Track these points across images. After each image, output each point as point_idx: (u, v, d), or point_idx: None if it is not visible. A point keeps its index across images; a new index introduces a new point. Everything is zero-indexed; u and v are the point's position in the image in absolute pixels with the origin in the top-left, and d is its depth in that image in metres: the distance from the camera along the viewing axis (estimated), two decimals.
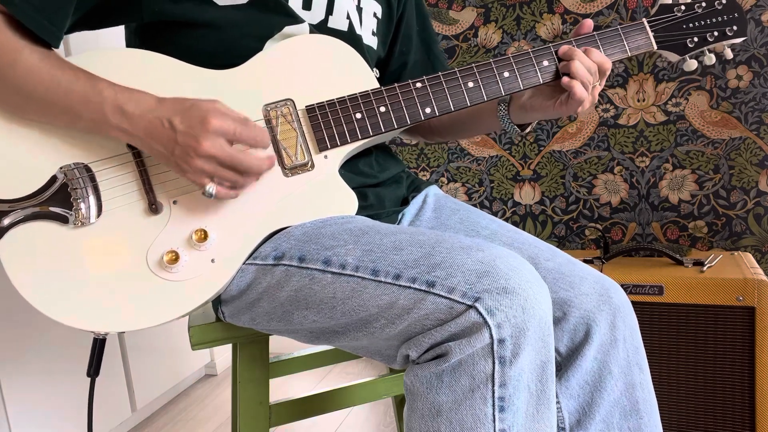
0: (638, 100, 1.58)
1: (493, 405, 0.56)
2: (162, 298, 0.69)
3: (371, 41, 0.86)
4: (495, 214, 1.78)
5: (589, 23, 0.80)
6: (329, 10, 0.79)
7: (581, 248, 1.70)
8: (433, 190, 0.93)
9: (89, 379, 0.74)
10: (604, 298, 0.74)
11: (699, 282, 1.22)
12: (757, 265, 1.30)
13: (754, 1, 1.45)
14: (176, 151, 0.64)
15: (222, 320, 0.80)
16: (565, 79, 0.75)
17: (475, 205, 1.79)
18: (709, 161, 1.54)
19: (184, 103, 0.65)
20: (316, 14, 0.79)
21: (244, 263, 0.72)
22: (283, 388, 1.79)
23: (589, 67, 0.75)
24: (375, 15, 0.87)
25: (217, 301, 0.77)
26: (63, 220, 0.68)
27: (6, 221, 0.67)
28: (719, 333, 1.22)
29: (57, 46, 0.69)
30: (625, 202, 1.63)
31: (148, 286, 0.69)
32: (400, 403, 1.17)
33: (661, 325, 1.27)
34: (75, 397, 1.33)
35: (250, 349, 0.85)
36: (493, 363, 0.55)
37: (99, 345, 0.74)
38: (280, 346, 2.00)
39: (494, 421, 0.56)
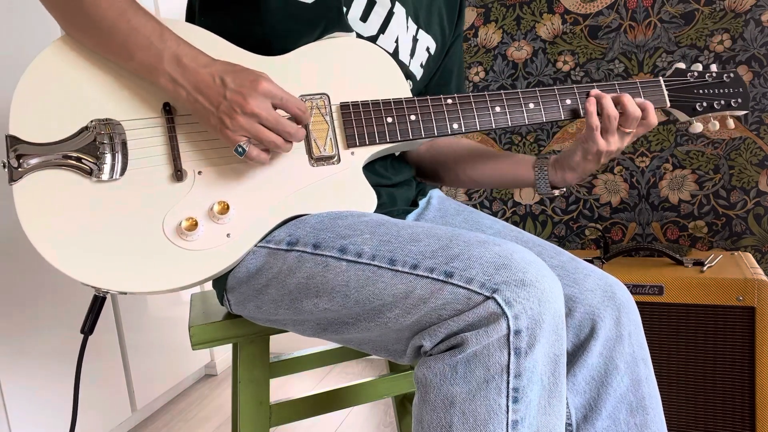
0: None
1: (507, 396, 0.56)
2: (171, 265, 0.69)
3: (418, 72, 0.89)
4: (495, 214, 1.78)
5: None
6: (382, 29, 0.82)
7: (581, 248, 1.70)
8: (436, 193, 0.95)
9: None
10: (609, 294, 0.74)
11: (699, 282, 1.22)
12: (757, 265, 1.30)
13: (753, 1, 1.45)
14: (222, 106, 0.66)
15: (228, 310, 0.80)
16: (588, 101, 0.80)
17: (474, 206, 1.79)
18: (709, 161, 1.54)
19: (236, 65, 0.68)
20: (370, 28, 0.82)
21: (256, 245, 0.72)
22: (283, 388, 1.79)
23: (612, 103, 0.80)
24: (428, 49, 0.90)
25: (223, 289, 0.77)
26: (86, 171, 0.68)
27: (28, 163, 0.67)
28: (719, 333, 1.22)
29: None
30: (625, 202, 1.63)
31: (160, 251, 0.69)
32: (400, 403, 1.17)
33: (661, 325, 1.27)
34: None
35: (250, 349, 0.85)
36: (509, 354, 0.56)
37: (99, 303, 0.73)
38: (280, 346, 2.00)
39: (507, 412, 0.56)
